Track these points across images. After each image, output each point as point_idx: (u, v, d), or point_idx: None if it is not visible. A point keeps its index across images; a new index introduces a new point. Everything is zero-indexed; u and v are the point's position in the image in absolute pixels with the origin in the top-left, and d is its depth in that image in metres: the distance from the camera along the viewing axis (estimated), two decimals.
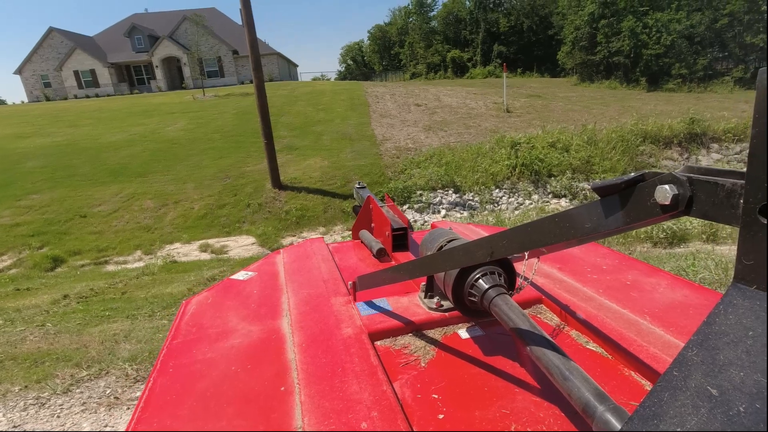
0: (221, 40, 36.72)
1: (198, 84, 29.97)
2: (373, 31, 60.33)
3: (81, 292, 5.56)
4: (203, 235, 9.84)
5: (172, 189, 11.85)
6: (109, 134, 16.87)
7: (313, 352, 1.01)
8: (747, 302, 0.38)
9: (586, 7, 26.50)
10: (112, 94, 35.40)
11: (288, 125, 16.73)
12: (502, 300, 0.87)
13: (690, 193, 0.45)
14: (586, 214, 0.55)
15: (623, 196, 0.50)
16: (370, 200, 1.90)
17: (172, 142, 15.57)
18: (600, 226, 0.53)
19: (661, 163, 12.39)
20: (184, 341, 1.14)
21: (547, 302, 1.24)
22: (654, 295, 1.24)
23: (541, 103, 20.42)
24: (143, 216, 10.71)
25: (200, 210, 10.81)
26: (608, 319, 1.08)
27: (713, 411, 0.35)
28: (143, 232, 10.05)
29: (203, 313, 1.32)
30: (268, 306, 1.30)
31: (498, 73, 37.10)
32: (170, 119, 18.90)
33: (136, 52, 37.45)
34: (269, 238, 9.52)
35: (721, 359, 0.37)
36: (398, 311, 1.17)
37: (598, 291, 1.27)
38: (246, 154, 14.00)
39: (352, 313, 1.17)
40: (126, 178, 12.60)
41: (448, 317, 1.14)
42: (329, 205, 10.79)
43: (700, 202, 0.44)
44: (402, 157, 13.04)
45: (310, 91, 23.54)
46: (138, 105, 23.45)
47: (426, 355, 1.02)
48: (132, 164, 13.54)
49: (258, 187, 11.61)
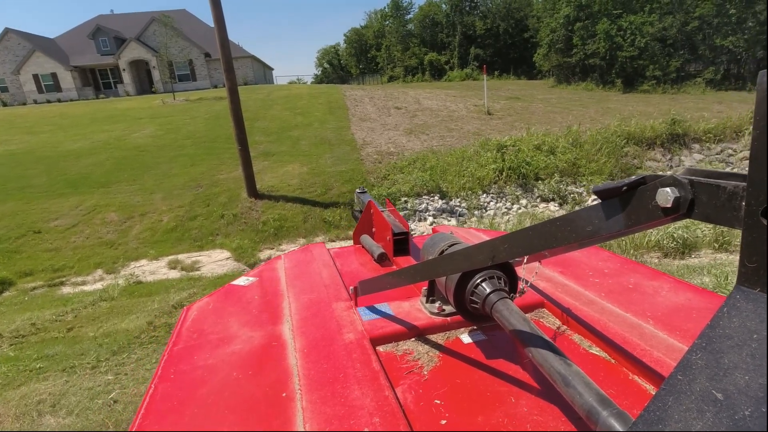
0: (192, 42, 35.48)
1: (168, 88, 28.75)
2: (350, 34, 59.79)
3: (18, 330, 4.72)
4: (172, 250, 9.06)
5: (138, 200, 10.99)
6: (69, 141, 15.74)
7: (315, 358, 1.00)
8: (751, 305, 0.38)
9: (561, 10, 26.72)
10: (76, 98, 33.63)
11: (264, 130, 16.00)
12: (504, 304, 0.86)
13: (691, 196, 0.45)
14: (587, 217, 0.54)
15: (624, 199, 0.50)
16: (370, 205, 1.86)
17: (139, 149, 14.61)
18: (601, 229, 0.53)
19: (646, 164, 12.30)
20: (185, 347, 1.13)
21: (549, 306, 1.23)
22: (657, 299, 1.22)
23: (520, 105, 20.32)
24: (106, 230, 9.84)
25: (169, 222, 10.01)
26: (611, 323, 1.08)
27: (718, 415, 0.34)
28: (105, 249, 9.19)
29: (204, 318, 1.30)
30: (269, 312, 1.29)
31: (476, 76, 37.15)
32: (137, 125, 17.86)
33: (102, 54, 35.78)
34: (245, 251, 8.84)
35: (725, 363, 0.37)
36: (400, 316, 1.16)
37: (600, 294, 1.26)
38: (219, 161, 13.22)
39: (353, 319, 1.16)
40: (87, 188, 11.64)
41: (450, 322, 1.13)
42: (309, 214, 10.17)
43: (701, 205, 0.44)
44: (384, 162, 12.54)
45: (287, 95, 22.80)
46: (103, 110, 22.20)
47: (428, 361, 1.01)
48: (94, 174, 12.57)
49: (232, 197, 10.88)
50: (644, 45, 23.78)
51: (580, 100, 21.63)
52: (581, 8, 25.53)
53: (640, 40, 23.75)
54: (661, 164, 12.47)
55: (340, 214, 10.05)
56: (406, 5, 48.59)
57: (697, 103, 19.23)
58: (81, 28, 37.93)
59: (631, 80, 24.84)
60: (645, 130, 13.04)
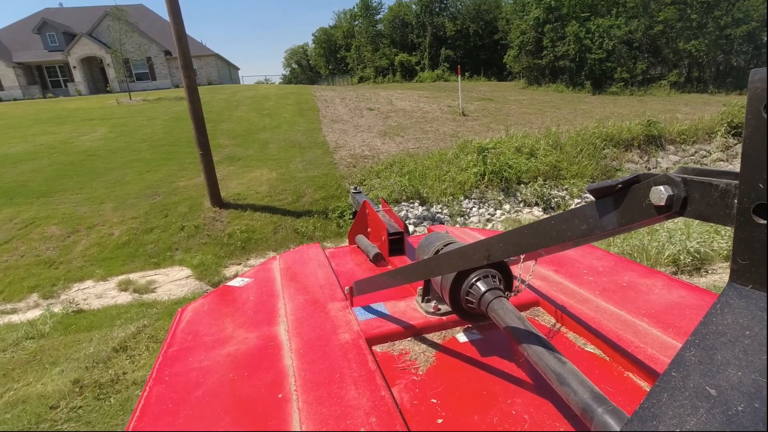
0: (150, 39, 33.47)
1: (125, 87, 26.87)
2: (318, 34, 58.66)
3: None
4: (124, 269, 8.02)
5: (85, 211, 9.81)
6: (6, 145, 14.12)
7: (311, 359, 1.00)
8: (743, 302, 0.39)
9: (531, 12, 26.84)
10: (20, 98, 30.96)
11: (229, 133, 14.94)
12: (499, 303, 0.86)
13: (685, 194, 0.45)
14: (582, 215, 0.55)
15: (618, 198, 0.51)
16: (365, 205, 1.85)
17: (88, 153, 13.26)
18: (596, 227, 0.54)
19: (625, 166, 12.17)
20: (179, 349, 1.11)
21: (544, 304, 1.24)
22: (651, 297, 1.22)
23: (494, 106, 20.11)
24: (45, 246, 8.65)
25: (121, 236, 8.92)
26: (605, 321, 1.09)
27: (712, 411, 0.35)
28: (44, 268, 8.03)
29: (199, 320, 1.28)
30: (264, 312, 1.28)
31: (447, 77, 37.00)
32: (87, 127, 16.34)
33: (49, 51, 33.15)
34: (208, 268, 7.92)
35: (718, 359, 0.37)
36: (396, 315, 1.16)
37: (594, 293, 1.27)
38: (179, 166, 12.13)
39: (349, 319, 1.15)
40: (24, 198, 10.32)
41: (445, 321, 1.13)
42: (280, 224, 9.33)
43: (694, 203, 0.45)
44: (359, 166, 11.83)
45: (254, 95, 21.66)
46: (48, 110, 20.33)
47: (424, 360, 1.01)
48: (33, 181, 11.21)
49: (194, 206, 9.88)
50: (612, 48, 24.16)
51: (552, 102, 21.66)
52: (551, 10, 25.71)
53: (608, 43, 24.12)
54: (639, 166, 12.38)
55: (314, 224, 9.27)
56: (375, 5, 47.99)
57: (665, 104, 19.58)
58: (25, 22, 35.03)
59: (600, 82, 25.22)
60: (622, 131, 12.94)
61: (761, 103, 0.36)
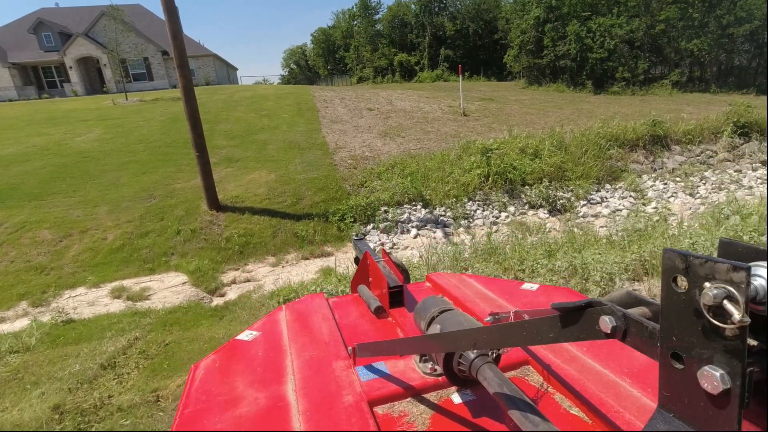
0: (147, 39, 33.17)
1: (122, 88, 26.56)
2: (317, 34, 58.36)
3: None
4: (117, 275, 7.76)
5: (78, 214, 9.54)
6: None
7: (317, 421, 1.04)
8: (667, 427, 0.44)
9: (532, 11, 26.61)
10: (15, 98, 30.63)
11: (227, 133, 14.67)
12: (488, 368, 0.91)
13: (625, 327, 0.53)
14: (550, 325, 0.64)
15: (576, 316, 0.59)
16: (367, 256, 1.94)
17: (82, 155, 12.98)
18: (560, 337, 0.63)
19: (630, 166, 11.94)
20: (194, 410, 1.15)
21: (533, 363, 1.25)
22: (634, 352, 0.97)
23: (495, 106, 19.87)
24: (36, 252, 8.38)
25: (115, 241, 8.66)
26: (589, 382, 1.11)
27: None
28: (34, 275, 7.77)
29: (211, 378, 1.31)
30: (272, 370, 1.31)
31: (446, 77, 36.78)
32: (82, 128, 16.06)
33: (45, 51, 32.81)
34: (205, 274, 7.66)
35: None
36: (396, 375, 1.21)
37: (581, 349, 1.28)
38: (176, 168, 11.87)
39: (352, 379, 1.21)
40: (16, 201, 10.04)
41: (441, 382, 1.17)
42: (279, 227, 9.07)
43: (632, 336, 0.52)
44: (360, 167, 11.58)
45: (252, 96, 21.38)
46: (43, 111, 20.03)
47: (422, 423, 1.05)
48: (26, 184, 10.93)
49: (191, 209, 9.62)
50: (613, 47, 23.94)
51: (553, 102, 21.44)
52: (551, 10, 25.48)
53: (609, 42, 23.89)
54: (645, 166, 12.16)
55: (314, 227, 9.02)
56: (374, 5, 47.72)
57: (668, 104, 19.38)
58: (20, 22, 34.68)
59: (601, 82, 24.99)
60: (627, 131, 12.71)
61: (670, 276, 0.44)
